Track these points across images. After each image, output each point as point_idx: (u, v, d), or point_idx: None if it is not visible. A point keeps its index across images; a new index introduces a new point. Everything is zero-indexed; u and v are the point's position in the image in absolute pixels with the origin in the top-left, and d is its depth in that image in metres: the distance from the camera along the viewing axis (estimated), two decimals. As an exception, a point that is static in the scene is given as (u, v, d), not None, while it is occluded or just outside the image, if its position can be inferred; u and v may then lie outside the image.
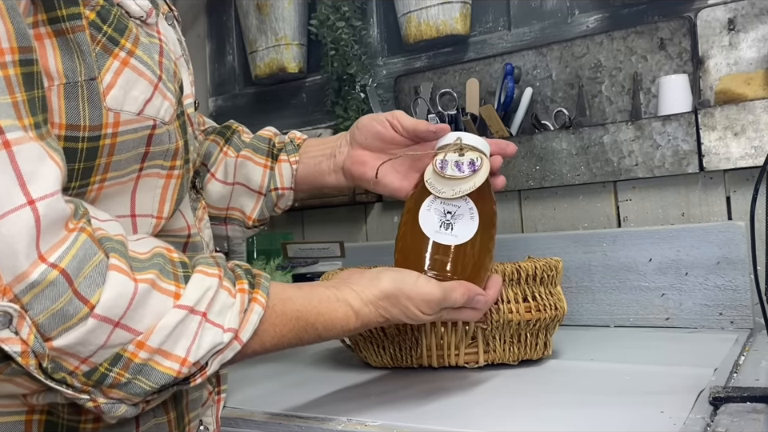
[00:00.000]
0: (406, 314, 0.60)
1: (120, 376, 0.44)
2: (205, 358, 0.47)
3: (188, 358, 0.46)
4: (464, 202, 0.66)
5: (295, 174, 0.79)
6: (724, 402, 0.55)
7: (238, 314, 0.49)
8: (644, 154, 1.05)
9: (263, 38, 1.39)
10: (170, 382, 0.46)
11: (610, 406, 0.60)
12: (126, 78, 0.48)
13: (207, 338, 0.47)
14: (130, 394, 0.45)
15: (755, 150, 0.96)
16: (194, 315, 0.46)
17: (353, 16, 1.32)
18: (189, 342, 0.46)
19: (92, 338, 0.42)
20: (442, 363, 0.76)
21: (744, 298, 0.94)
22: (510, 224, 1.19)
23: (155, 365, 0.45)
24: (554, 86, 1.18)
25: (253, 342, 0.50)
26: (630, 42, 1.12)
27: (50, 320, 0.41)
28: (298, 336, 0.53)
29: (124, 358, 0.44)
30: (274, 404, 0.67)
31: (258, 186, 0.79)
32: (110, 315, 0.43)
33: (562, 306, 0.78)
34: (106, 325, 0.43)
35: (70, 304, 0.41)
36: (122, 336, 0.43)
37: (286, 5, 1.37)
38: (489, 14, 1.26)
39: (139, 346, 0.44)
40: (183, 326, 0.46)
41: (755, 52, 1.03)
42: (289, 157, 0.80)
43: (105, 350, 0.43)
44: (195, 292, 0.47)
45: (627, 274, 1.02)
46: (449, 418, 0.59)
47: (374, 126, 0.75)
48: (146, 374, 0.45)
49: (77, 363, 0.43)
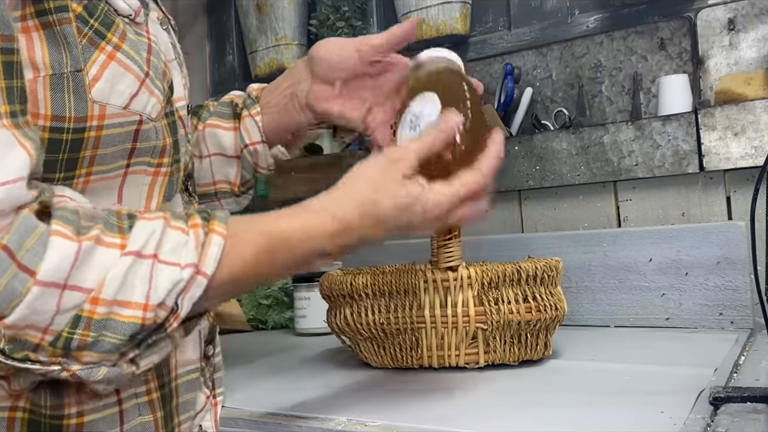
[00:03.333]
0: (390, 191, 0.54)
1: (85, 336, 0.44)
2: (169, 298, 0.46)
3: (148, 302, 0.45)
4: (422, 99, 0.65)
5: (261, 125, 0.75)
6: (724, 402, 0.55)
7: (194, 249, 0.47)
8: (644, 154, 1.05)
9: (263, 37, 1.39)
10: (138, 330, 0.45)
11: (611, 406, 0.60)
12: (112, 71, 0.49)
13: (163, 277, 0.46)
14: (102, 353, 0.44)
15: (755, 149, 0.96)
16: (142, 259, 0.45)
17: (353, 16, 1.32)
18: (145, 286, 0.45)
19: (42, 305, 0.42)
20: (443, 363, 0.76)
21: (744, 298, 0.94)
22: (510, 224, 1.19)
23: (117, 317, 0.44)
24: (554, 86, 1.18)
25: (221, 274, 0.48)
26: (630, 42, 1.12)
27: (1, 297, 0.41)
28: (271, 258, 0.50)
29: (83, 317, 0.43)
30: (274, 404, 0.67)
31: (231, 150, 0.76)
32: (54, 279, 0.42)
33: (562, 306, 0.78)
34: (53, 289, 0.42)
35: (15, 278, 0.41)
36: (73, 297, 0.43)
37: (286, 5, 1.37)
38: (489, 14, 1.26)
39: (94, 302, 0.44)
40: (134, 272, 0.45)
41: (755, 52, 1.03)
42: (250, 111, 0.76)
43: (61, 315, 0.43)
44: (140, 237, 0.46)
45: (627, 274, 1.02)
46: (449, 418, 0.59)
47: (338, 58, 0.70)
48: (111, 328, 0.44)
49: (39, 335, 0.43)
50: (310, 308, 1.10)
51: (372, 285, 0.76)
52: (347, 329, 0.78)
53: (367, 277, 0.77)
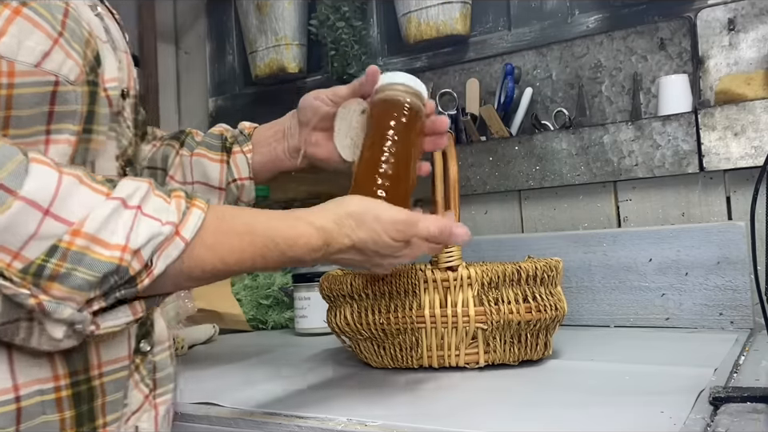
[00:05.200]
0: (374, 238, 0.57)
1: (58, 266, 0.43)
2: (146, 248, 0.46)
3: (128, 244, 0.45)
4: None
5: (251, 163, 0.80)
6: (724, 402, 0.55)
7: (175, 213, 0.48)
8: (644, 154, 1.05)
9: (263, 38, 1.39)
10: (113, 271, 0.45)
11: (610, 406, 0.60)
12: (18, 26, 0.47)
13: (144, 227, 0.46)
14: (72, 288, 0.44)
15: (755, 150, 0.96)
16: (126, 208, 0.46)
17: (353, 16, 1.32)
18: (126, 230, 0.46)
19: (21, 224, 0.42)
20: (443, 363, 0.76)
21: (744, 298, 0.94)
22: (509, 224, 1.19)
23: (94, 253, 0.44)
24: (554, 86, 1.18)
25: (206, 252, 0.49)
26: (630, 42, 1.12)
27: None
28: (260, 253, 0.52)
29: (60, 248, 0.43)
30: (274, 404, 0.67)
31: (217, 182, 0.80)
32: (36, 200, 0.43)
33: (562, 306, 0.77)
34: (35, 210, 0.42)
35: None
36: (54, 227, 0.43)
37: (286, 5, 1.37)
38: (489, 14, 1.26)
39: (74, 234, 0.44)
40: (118, 215, 0.46)
41: (755, 52, 1.03)
42: (242, 147, 0.80)
43: (38, 242, 0.43)
44: (125, 189, 0.47)
45: (627, 274, 1.02)
46: (449, 418, 0.59)
47: (316, 106, 0.76)
48: (87, 264, 0.44)
49: (8, 259, 0.42)
50: (310, 308, 1.10)
51: (372, 285, 0.76)
52: (347, 329, 0.78)
53: (367, 277, 0.77)
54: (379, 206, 0.59)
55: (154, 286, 0.48)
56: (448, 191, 0.74)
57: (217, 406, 0.67)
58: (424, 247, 0.61)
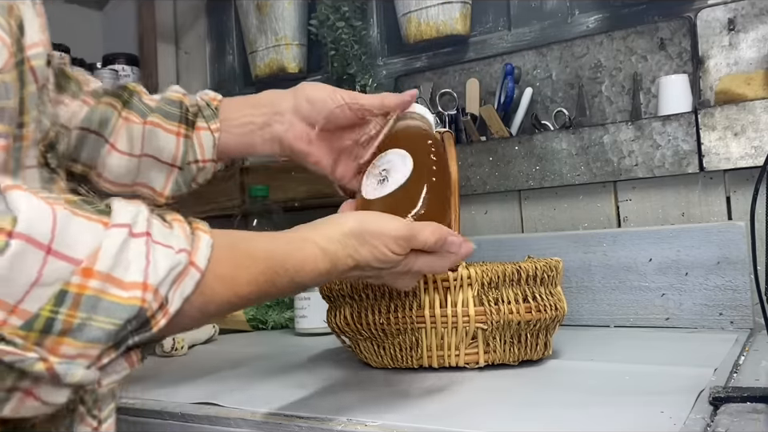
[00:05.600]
0: (375, 254, 0.55)
1: (71, 317, 0.36)
2: (164, 283, 0.39)
3: (148, 281, 0.38)
4: (395, 155, 0.66)
5: (217, 143, 0.70)
6: (724, 402, 0.55)
7: (183, 238, 0.41)
8: (644, 154, 1.05)
9: (263, 38, 1.40)
10: (135, 315, 0.38)
11: (610, 406, 0.60)
12: None
13: (161, 257, 0.39)
14: (87, 343, 0.36)
15: (755, 150, 0.96)
16: (135, 237, 0.39)
17: (353, 16, 1.32)
18: (143, 263, 0.38)
19: (21, 268, 0.34)
20: (442, 363, 0.76)
21: (744, 298, 0.94)
22: (509, 224, 1.19)
23: (111, 296, 0.37)
24: (554, 86, 1.18)
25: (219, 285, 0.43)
26: (630, 42, 1.12)
27: None
28: (271, 280, 0.48)
29: (70, 293, 0.36)
30: (274, 404, 0.67)
31: (170, 157, 0.69)
32: (35, 236, 0.35)
33: (562, 306, 0.77)
34: (35, 249, 0.34)
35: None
36: (59, 267, 0.35)
37: (286, 5, 1.37)
38: (489, 14, 1.26)
39: (86, 274, 0.36)
40: (128, 247, 0.38)
41: (755, 52, 1.03)
42: (209, 124, 0.70)
43: (41, 289, 0.35)
44: (125, 214, 0.39)
45: (627, 274, 1.02)
46: (449, 419, 0.59)
47: (329, 107, 0.69)
48: (104, 309, 0.37)
49: (2, 315, 0.34)
50: (310, 308, 1.10)
51: (372, 285, 0.76)
52: (347, 329, 0.78)
53: (367, 277, 0.77)
54: (380, 220, 0.56)
55: (167, 327, 0.41)
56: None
57: (217, 406, 0.67)
58: (430, 264, 0.60)
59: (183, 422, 0.67)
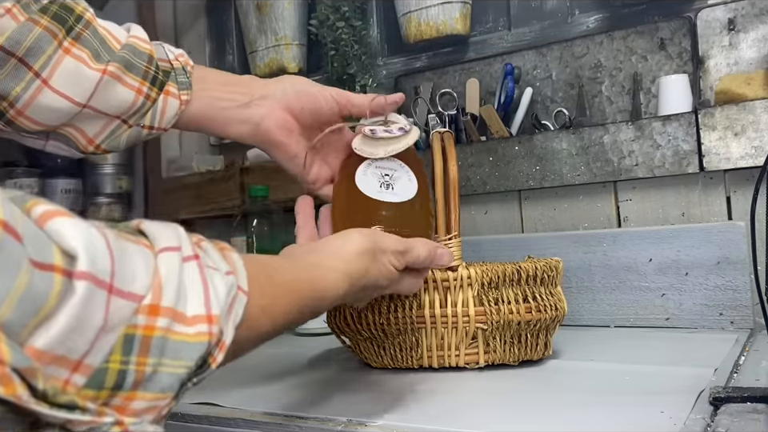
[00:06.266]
0: (382, 271, 0.54)
1: (142, 365, 0.30)
2: (223, 311, 0.34)
3: (212, 312, 0.33)
4: (398, 165, 0.68)
5: (179, 114, 0.63)
6: (724, 402, 0.55)
7: (221, 259, 0.37)
8: (644, 154, 1.05)
9: (263, 37, 1.39)
10: (205, 353, 0.32)
11: (610, 406, 0.60)
12: None
13: (218, 281, 0.34)
14: (158, 393, 0.31)
15: (755, 150, 0.96)
16: (187, 262, 0.33)
17: (353, 16, 1.32)
18: (201, 291, 0.33)
19: (90, 315, 0.27)
20: (443, 364, 0.76)
21: (744, 298, 0.94)
22: (509, 224, 1.19)
23: (178, 335, 0.31)
24: (554, 86, 1.18)
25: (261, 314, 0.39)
26: (630, 42, 1.11)
27: (18, 308, 0.25)
28: (299, 310, 0.44)
29: (137, 336, 0.29)
30: (274, 404, 0.67)
31: (119, 111, 0.60)
32: (97, 273, 0.28)
33: (562, 306, 0.77)
34: (100, 290, 0.28)
35: (33, 275, 0.25)
36: (121, 306, 0.29)
37: (286, 5, 1.37)
38: (489, 14, 1.26)
39: (152, 311, 0.30)
40: (184, 274, 0.33)
41: (755, 52, 1.03)
42: (180, 92, 0.63)
43: (106, 336, 0.28)
44: (165, 234, 0.34)
45: (627, 274, 1.02)
46: (449, 419, 0.59)
47: (318, 101, 0.66)
48: (172, 352, 0.31)
49: (66, 374, 0.27)
50: (310, 308, 1.10)
51: (372, 285, 0.76)
52: (347, 329, 0.78)
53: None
54: (384, 236, 0.56)
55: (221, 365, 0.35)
56: (448, 191, 0.74)
57: (217, 406, 0.67)
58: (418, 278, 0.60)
59: (183, 422, 0.67)
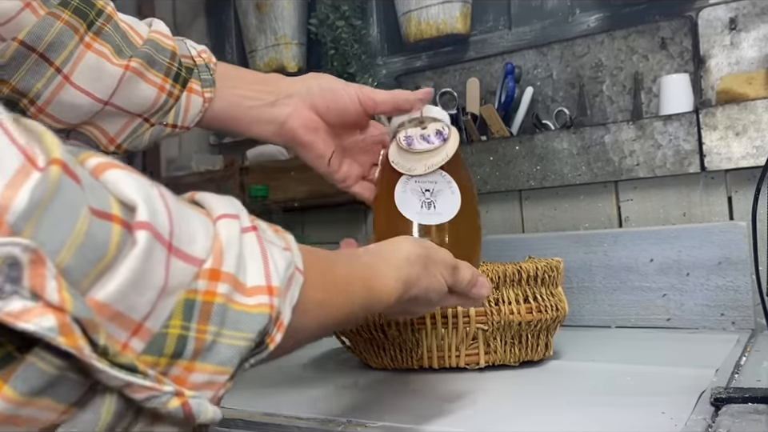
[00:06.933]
0: (432, 282, 0.49)
1: (202, 333, 0.28)
2: (282, 284, 0.32)
3: (272, 283, 0.31)
4: (440, 177, 0.62)
5: (203, 112, 0.62)
6: (725, 402, 0.55)
7: (276, 235, 0.34)
8: (645, 154, 1.04)
9: (262, 37, 1.39)
10: (265, 327, 0.30)
11: (611, 406, 0.60)
12: None
13: (277, 255, 0.32)
14: (218, 366, 0.29)
15: (757, 149, 0.96)
16: (246, 232, 0.31)
17: (353, 15, 1.32)
18: (260, 262, 0.31)
19: (151, 271, 0.26)
20: (443, 364, 0.76)
21: (746, 299, 0.93)
22: (510, 224, 1.19)
23: (237, 305, 0.29)
24: (554, 86, 1.17)
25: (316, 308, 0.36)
26: (631, 42, 1.11)
27: (80, 255, 0.23)
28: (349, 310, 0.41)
29: (197, 302, 0.28)
30: (273, 404, 0.67)
31: (141, 109, 0.59)
32: (158, 228, 0.26)
33: (563, 306, 0.77)
34: (160, 245, 0.26)
35: (94, 223, 0.24)
36: (181, 269, 0.27)
37: (286, 4, 1.37)
38: (489, 14, 1.26)
39: (213, 276, 0.28)
40: (244, 243, 0.31)
41: (757, 51, 1.02)
42: (204, 89, 0.62)
43: (166, 299, 0.26)
44: (224, 203, 0.32)
45: (628, 274, 1.01)
46: (449, 420, 0.59)
47: (342, 99, 0.64)
48: (233, 321, 0.29)
49: (124, 336, 0.25)
50: (310, 308, 1.09)
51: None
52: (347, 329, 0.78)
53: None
54: (435, 248, 0.52)
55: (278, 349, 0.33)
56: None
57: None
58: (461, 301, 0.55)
59: (182, 423, 0.66)
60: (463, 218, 0.62)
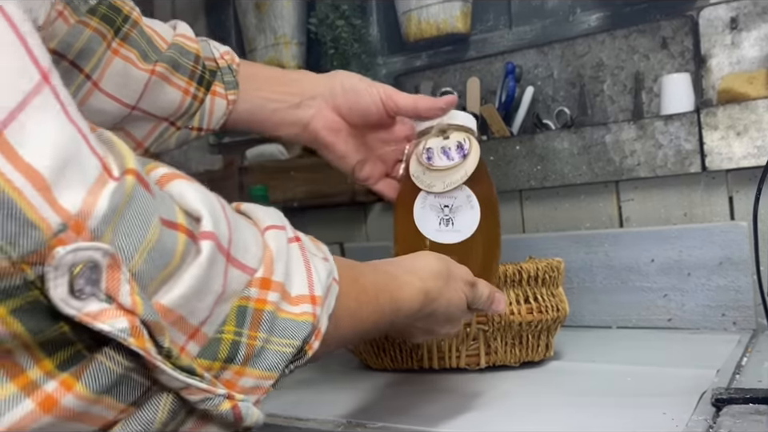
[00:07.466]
0: (453, 297, 0.49)
1: (253, 339, 0.29)
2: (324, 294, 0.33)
3: (315, 293, 0.32)
4: (460, 191, 0.62)
5: (227, 114, 0.63)
6: (726, 403, 0.55)
7: (314, 245, 0.36)
8: (646, 154, 1.04)
9: (262, 36, 1.39)
10: (309, 335, 0.32)
11: (612, 407, 0.60)
12: None
13: (319, 265, 0.33)
14: (265, 372, 0.30)
15: (758, 149, 0.96)
16: (292, 242, 0.33)
17: (352, 14, 1.32)
18: (304, 272, 0.32)
19: (212, 279, 0.27)
20: (443, 365, 0.76)
21: (747, 299, 0.93)
22: (511, 224, 1.18)
23: (284, 313, 0.31)
24: (555, 85, 1.17)
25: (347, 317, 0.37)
26: (631, 41, 1.11)
27: (149, 261, 0.25)
28: (375, 320, 0.41)
29: (249, 309, 0.29)
30: (273, 405, 0.66)
31: (167, 113, 0.59)
32: (220, 238, 0.28)
33: (563, 307, 0.77)
34: (221, 255, 0.28)
35: (163, 231, 0.26)
36: (237, 277, 0.29)
37: (285, 3, 1.37)
38: (490, 13, 1.25)
39: (264, 285, 0.30)
40: (289, 253, 0.32)
41: (758, 51, 1.02)
42: (227, 92, 0.63)
43: (222, 305, 0.28)
44: (271, 213, 0.34)
45: (629, 274, 1.01)
46: (449, 420, 0.59)
47: (364, 101, 0.64)
48: (280, 329, 0.30)
49: (182, 340, 0.27)
50: (310, 308, 1.09)
51: (372, 285, 0.75)
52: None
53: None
54: (455, 264, 0.52)
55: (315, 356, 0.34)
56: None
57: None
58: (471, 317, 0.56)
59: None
60: (482, 233, 0.62)
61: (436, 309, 0.49)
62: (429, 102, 0.64)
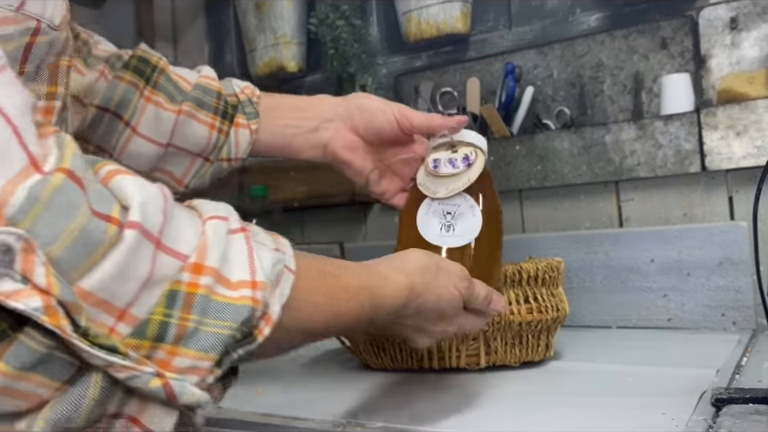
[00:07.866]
0: (443, 292, 0.50)
1: (184, 320, 0.30)
2: (269, 279, 0.34)
3: (256, 278, 0.33)
4: (462, 200, 0.64)
5: (253, 143, 0.68)
6: (726, 403, 0.55)
7: (269, 238, 0.37)
8: (646, 154, 1.04)
9: (262, 36, 1.39)
10: (248, 318, 0.33)
11: (612, 407, 0.60)
12: None
13: (264, 254, 0.35)
14: (200, 352, 0.31)
15: (758, 149, 0.96)
16: (234, 233, 0.34)
17: (352, 15, 1.32)
18: (246, 259, 0.34)
19: (135, 264, 0.29)
20: (443, 365, 0.76)
21: (746, 299, 0.93)
22: (510, 224, 1.18)
23: (220, 296, 0.32)
24: (555, 85, 1.17)
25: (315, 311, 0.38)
26: (631, 41, 1.11)
27: (72, 248, 0.27)
28: (356, 315, 0.43)
29: (180, 293, 0.31)
30: (272, 405, 0.66)
31: (199, 148, 0.66)
32: (148, 226, 0.30)
33: (563, 307, 0.77)
34: (147, 242, 0.30)
35: (90, 221, 0.28)
36: (167, 263, 0.31)
37: (285, 3, 1.37)
38: (489, 13, 1.25)
39: (196, 270, 0.31)
40: (231, 242, 0.34)
41: (757, 51, 1.02)
42: (249, 122, 0.68)
43: (151, 289, 0.30)
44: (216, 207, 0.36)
45: (629, 274, 1.01)
46: (449, 420, 0.59)
47: (378, 120, 0.68)
48: (215, 311, 0.31)
49: (111, 321, 0.29)
50: (310, 308, 1.09)
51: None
52: (347, 329, 0.78)
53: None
54: (448, 261, 0.54)
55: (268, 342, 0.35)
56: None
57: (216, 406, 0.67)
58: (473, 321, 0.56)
59: (181, 424, 0.66)
60: (484, 241, 0.63)
61: (423, 304, 0.49)
62: (442, 120, 0.67)
